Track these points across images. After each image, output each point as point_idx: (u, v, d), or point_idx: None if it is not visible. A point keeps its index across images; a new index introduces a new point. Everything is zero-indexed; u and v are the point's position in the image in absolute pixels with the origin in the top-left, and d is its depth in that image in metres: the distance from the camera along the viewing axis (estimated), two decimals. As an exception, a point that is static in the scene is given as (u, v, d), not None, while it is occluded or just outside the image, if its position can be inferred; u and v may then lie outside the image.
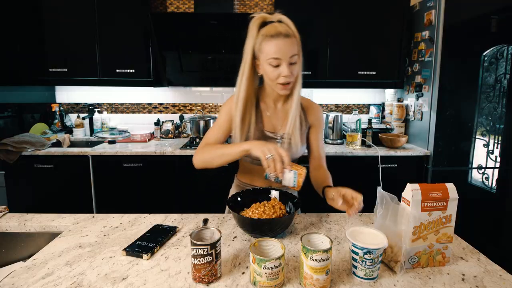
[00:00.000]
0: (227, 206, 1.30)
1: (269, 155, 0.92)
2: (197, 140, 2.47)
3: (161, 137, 2.68)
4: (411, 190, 0.78)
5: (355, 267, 0.77)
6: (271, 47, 1.00)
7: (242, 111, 1.10)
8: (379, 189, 0.85)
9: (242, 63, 1.08)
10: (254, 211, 0.98)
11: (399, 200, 0.83)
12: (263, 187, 1.18)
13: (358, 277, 0.76)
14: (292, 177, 0.97)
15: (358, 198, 0.91)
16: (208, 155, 1.09)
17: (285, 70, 1.02)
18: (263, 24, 1.05)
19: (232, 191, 1.31)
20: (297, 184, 0.98)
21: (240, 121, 1.11)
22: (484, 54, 2.14)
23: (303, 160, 1.24)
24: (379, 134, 2.40)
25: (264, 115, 1.17)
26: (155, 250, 0.88)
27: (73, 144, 2.62)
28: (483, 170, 2.27)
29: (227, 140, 1.20)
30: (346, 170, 2.26)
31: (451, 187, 0.80)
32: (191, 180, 2.26)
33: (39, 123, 2.60)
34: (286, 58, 1.01)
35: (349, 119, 2.43)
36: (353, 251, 0.76)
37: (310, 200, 2.30)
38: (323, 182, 1.09)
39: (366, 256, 0.74)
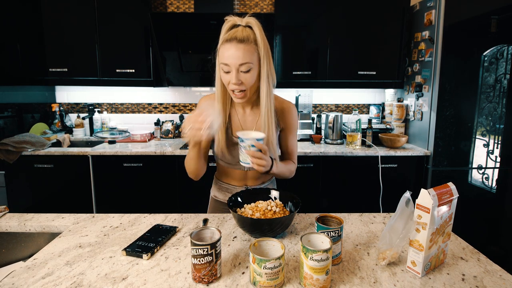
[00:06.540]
0: (209, 205, 1.32)
1: (187, 129, 0.89)
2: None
3: (161, 137, 2.68)
4: (431, 196, 0.73)
5: None
6: (223, 52, 0.97)
7: (221, 112, 1.10)
8: (407, 193, 0.79)
9: (216, 65, 1.06)
10: (255, 211, 0.98)
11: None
12: (240, 186, 1.23)
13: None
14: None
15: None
16: (188, 167, 1.13)
17: (233, 78, 0.97)
18: (233, 27, 1.01)
19: (213, 189, 1.31)
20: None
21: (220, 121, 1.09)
22: (484, 54, 2.14)
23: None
24: (379, 134, 2.40)
25: (233, 120, 1.16)
26: (155, 250, 0.88)
27: (73, 144, 2.62)
28: (483, 170, 2.27)
29: (211, 145, 1.19)
30: (346, 170, 2.27)
31: (453, 186, 0.81)
32: (191, 180, 2.26)
33: (39, 123, 2.60)
34: (236, 65, 0.96)
35: (349, 119, 2.43)
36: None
37: (310, 200, 2.29)
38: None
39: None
